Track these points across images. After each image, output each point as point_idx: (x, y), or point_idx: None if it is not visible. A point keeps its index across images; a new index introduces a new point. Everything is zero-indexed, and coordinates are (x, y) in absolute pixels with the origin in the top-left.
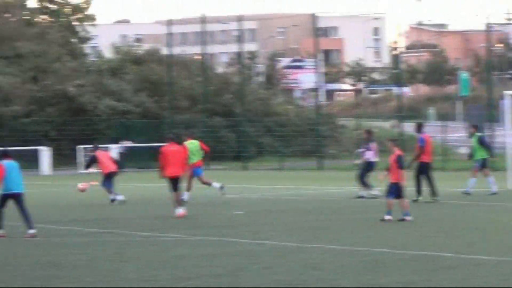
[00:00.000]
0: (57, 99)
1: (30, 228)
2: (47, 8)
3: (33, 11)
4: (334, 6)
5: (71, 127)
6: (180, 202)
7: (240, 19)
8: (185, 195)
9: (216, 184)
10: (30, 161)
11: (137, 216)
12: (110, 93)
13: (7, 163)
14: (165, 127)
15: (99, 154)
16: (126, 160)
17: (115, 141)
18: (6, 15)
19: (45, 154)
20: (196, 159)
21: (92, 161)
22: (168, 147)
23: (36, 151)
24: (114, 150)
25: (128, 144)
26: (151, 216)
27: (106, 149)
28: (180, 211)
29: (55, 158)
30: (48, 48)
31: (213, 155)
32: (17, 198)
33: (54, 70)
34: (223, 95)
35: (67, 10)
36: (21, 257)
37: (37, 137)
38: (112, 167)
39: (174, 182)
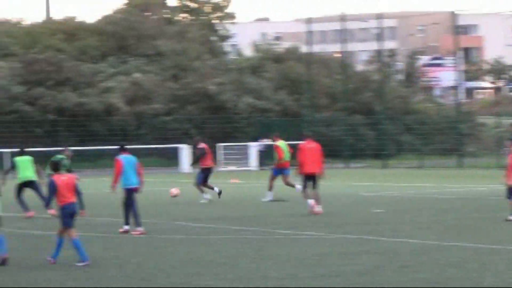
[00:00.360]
0: (198, 97)
1: (128, 223)
2: (187, 6)
3: (174, 9)
4: (474, 3)
5: (211, 125)
6: (318, 200)
7: (379, 17)
8: (269, 195)
9: (298, 187)
10: (170, 159)
11: (277, 214)
12: (250, 91)
13: (124, 157)
14: (305, 125)
15: (206, 148)
16: (266, 158)
17: (255, 139)
18: (147, 13)
19: (185, 152)
20: (284, 159)
21: (203, 154)
22: (306, 145)
23: (176, 149)
24: (254, 147)
25: (268, 142)
26: (291, 214)
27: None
28: (317, 208)
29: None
30: (188, 46)
31: (353, 153)
32: (134, 192)
33: (194, 68)
34: (362, 93)
35: (207, 8)
36: (163, 254)
37: (177, 135)
38: (211, 163)
39: (312, 179)
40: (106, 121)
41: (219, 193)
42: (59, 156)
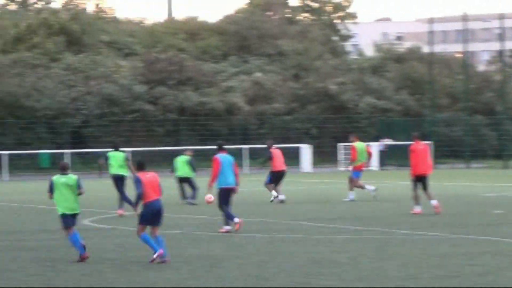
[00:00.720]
0: (318, 96)
1: (232, 220)
2: (309, 6)
3: (295, 9)
4: None
5: (331, 125)
6: (432, 198)
7: (502, 17)
8: (371, 189)
9: (370, 187)
10: (291, 158)
11: (396, 213)
12: (371, 91)
13: (222, 156)
14: (426, 125)
15: (274, 151)
16: (387, 157)
17: (376, 139)
18: (269, 13)
19: (306, 151)
20: (361, 161)
21: (270, 158)
22: (416, 146)
23: (297, 148)
24: (375, 148)
25: (389, 142)
26: (410, 214)
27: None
28: (435, 202)
29: (316, 155)
30: (309, 46)
31: (473, 154)
32: (231, 192)
33: (316, 68)
34: (484, 93)
35: (328, 8)
36: (283, 254)
37: (299, 135)
38: (281, 167)
39: (423, 180)
40: (227, 120)
41: (276, 198)
42: (185, 157)
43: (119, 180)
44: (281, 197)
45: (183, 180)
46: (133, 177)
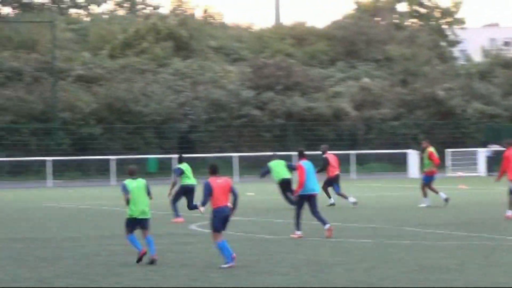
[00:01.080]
0: (426, 102)
1: (326, 223)
2: (417, 11)
3: (403, 14)
4: None
5: (439, 130)
6: None
7: None
8: (445, 197)
9: (443, 194)
10: (398, 164)
11: (504, 219)
12: (478, 96)
13: (305, 163)
14: None
15: (329, 156)
16: (494, 163)
17: (484, 144)
18: (376, 18)
19: (414, 157)
20: (435, 166)
21: (326, 164)
22: (510, 152)
23: (404, 154)
24: (482, 153)
25: (496, 148)
26: None
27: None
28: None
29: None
30: (417, 51)
31: None
32: (313, 198)
33: (423, 73)
34: None
35: (436, 13)
36: (390, 260)
37: (406, 140)
38: (336, 171)
39: None
40: (335, 125)
41: (355, 203)
42: (281, 161)
43: (189, 192)
44: (331, 200)
45: (284, 184)
46: (203, 182)
